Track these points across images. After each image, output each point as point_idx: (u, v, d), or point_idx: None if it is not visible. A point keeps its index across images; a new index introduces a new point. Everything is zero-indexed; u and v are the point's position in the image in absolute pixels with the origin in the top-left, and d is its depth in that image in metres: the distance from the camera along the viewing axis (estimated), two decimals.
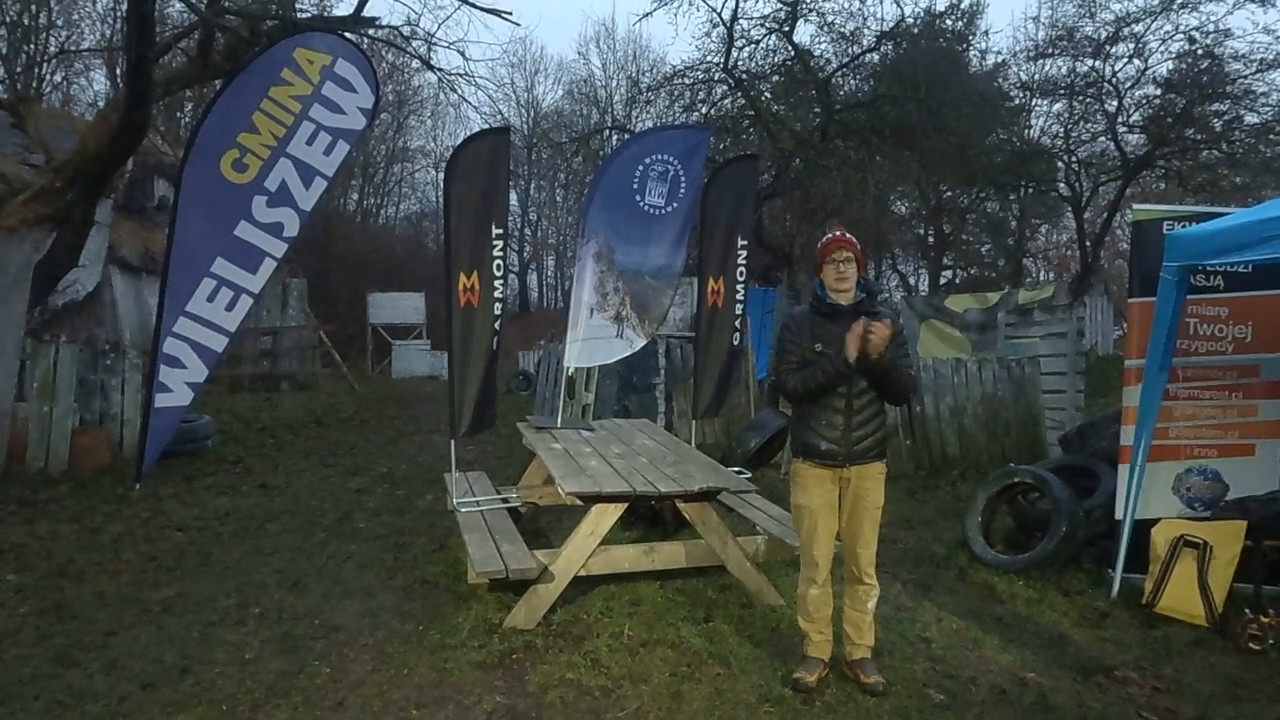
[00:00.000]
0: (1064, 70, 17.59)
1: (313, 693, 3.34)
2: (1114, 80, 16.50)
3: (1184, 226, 4.44)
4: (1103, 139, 17.95)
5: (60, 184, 8.00)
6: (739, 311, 6.37)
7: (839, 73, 15.04)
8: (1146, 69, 16.11)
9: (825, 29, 14.68)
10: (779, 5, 14.13)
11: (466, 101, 47.82)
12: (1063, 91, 17.72)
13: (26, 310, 7.68)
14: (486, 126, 12.34)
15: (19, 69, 17.38)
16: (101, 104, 16.65)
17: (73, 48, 18.70)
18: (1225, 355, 4.78)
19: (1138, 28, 15.58)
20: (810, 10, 14.30)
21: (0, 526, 5.72)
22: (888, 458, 3.54)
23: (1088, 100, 17.39)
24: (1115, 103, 16.80)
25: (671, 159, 6.10)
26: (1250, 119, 15.48)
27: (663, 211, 6.14)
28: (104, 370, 8.06)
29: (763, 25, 14.46)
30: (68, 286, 11.04)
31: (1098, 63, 16.50)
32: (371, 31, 11.17)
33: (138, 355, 8.26)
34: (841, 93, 15.29)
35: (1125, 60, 16.16)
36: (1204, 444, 4.81)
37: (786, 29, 14.33)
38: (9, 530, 5.63)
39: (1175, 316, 4.25)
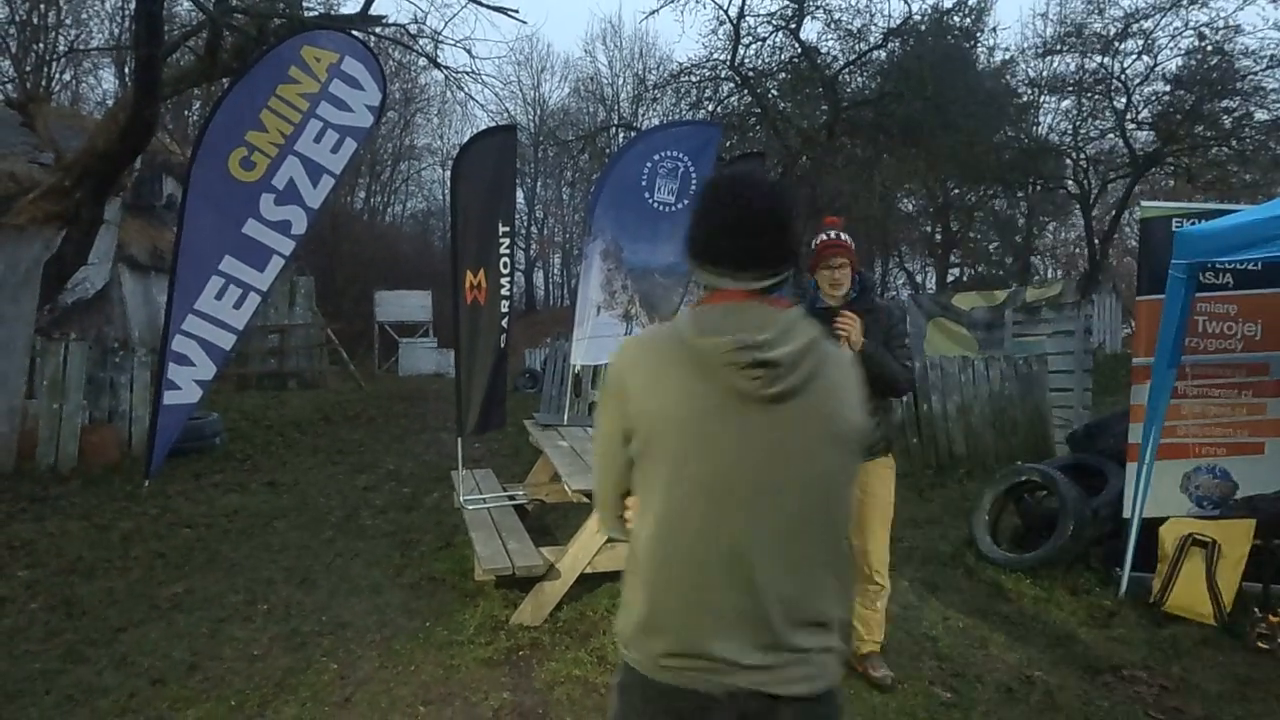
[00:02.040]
0: (1072, 67, 17.53)
1: (320, 689, 3.36)
2: (1123, 77, 16.44)
3: (1193, 224, 4.40)
4: (1111, 136, 17.88)
5: (69, 183, 8.04)
6: None
7: (846, 70, 15.01)
8: (1156, 65, 16.07)
9: (832, 26, 14.68)
10: (786, 2, 14.11)
11: (473, 99, 47.97)
12: (1071, 88, 17.63)
13: (36, 308, 7.73)
14: (493, 124, 12.35)
15: (28, 68, 17.47)
16: (110, 103, 16.74)
17: (81, 47, 18.79)
18: (1234, 353, 4.75)
19: (1147, 24, 15.54)
20: (817, 7, 14.28)
21: (10, 523, 5.75)
22: (894, 453, 3.53)
23: (1096, 97, 17.31)
24: (1124, 99, 16.74)
25: (682, 155, 6.08)
26: (1260, 115, 15.39)
27: (672, 208, 6.12)
28: (113, 368, 8.09)
29: (769, 22, 14.46)
30: (77, 285, 11.08)
31: (1106, 59, 16.43)
32: (378, 29, 11.21)
33: (146, 353, 8.28)
34: (848, 90, 15.25)
35: (1134, 56, 16.12)
36: (1213, 442, 4.78)
37: (793, 26, 14.31)
38: (19, 527, 5.67)
39: (1184, 314, 4.22)
